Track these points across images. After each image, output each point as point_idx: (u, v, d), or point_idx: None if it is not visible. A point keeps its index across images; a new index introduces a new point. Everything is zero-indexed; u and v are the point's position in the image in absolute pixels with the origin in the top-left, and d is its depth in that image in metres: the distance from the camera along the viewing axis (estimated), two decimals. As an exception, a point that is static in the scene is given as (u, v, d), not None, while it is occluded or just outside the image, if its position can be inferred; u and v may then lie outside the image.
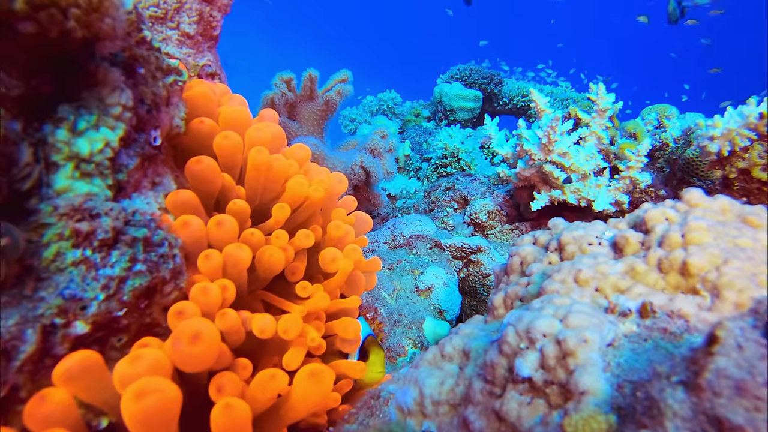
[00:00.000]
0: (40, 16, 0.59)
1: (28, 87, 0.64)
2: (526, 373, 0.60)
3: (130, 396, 0.59)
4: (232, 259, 0.84)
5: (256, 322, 0.81)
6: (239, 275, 0.86)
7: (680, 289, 0.66)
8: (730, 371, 0.41)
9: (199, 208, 0.87)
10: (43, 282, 0.63)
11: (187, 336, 0.66)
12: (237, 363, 0.81)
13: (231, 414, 0.66)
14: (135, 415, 0.58)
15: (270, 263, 0.89)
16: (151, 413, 0.59)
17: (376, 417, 0.83)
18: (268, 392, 0.73)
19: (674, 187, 1.86)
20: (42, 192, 0.66)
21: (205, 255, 0.81)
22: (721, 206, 0.75)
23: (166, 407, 0.60)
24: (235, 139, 0.94)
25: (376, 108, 4.28)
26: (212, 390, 0.72)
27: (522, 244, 0.97)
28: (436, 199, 2.33)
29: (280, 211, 0.96)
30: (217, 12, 1.28)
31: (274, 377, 0.73)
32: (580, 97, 4.42)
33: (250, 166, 0.95)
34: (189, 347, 0.65)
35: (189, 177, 0.89)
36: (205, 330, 0.67)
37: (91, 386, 0.64)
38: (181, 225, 0.81)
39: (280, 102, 1.83)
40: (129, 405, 0.58)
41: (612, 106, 1.76)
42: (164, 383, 0.61)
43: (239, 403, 0.67)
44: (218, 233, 0.85)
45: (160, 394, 0.59)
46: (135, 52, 0.78)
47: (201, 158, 0.88)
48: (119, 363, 0.63)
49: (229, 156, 0.95)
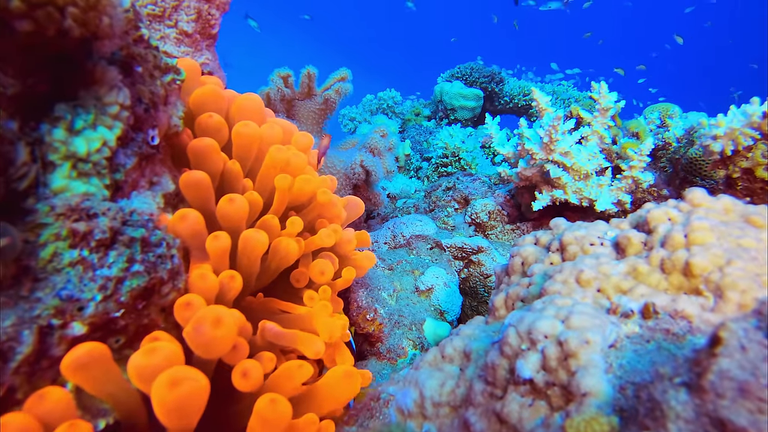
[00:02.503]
0: (37, 15, 0.59)
1: (24, 86, 0.64)
2: (527, 375, 0.60)
3: (163, 383, 0.59)
4: (250, 243, 0.84)
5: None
6: (254, 261, 0.87)
7: (683, 290, 0.65)
8: (733, 373, 0.40)
9: (210, 190, 0.88)
10: (39, 282, 0.62)
11: (210, 320, 0.67)
12: (262, 355, 0.82)
13: (276, 408, 0.68)
14: (170, 402, 0.59)
15: (286, 251, 0.90)
16: (186, 400, 0.59)
17: (376, 419, 0.83)
18: (294, 380, 0.76)
19: (677, 187, 1.85)
20: (39, 192, 0.66)
21: (214, 236, 0.82)
22: (724, 206, 0.74)
23: (199, 394, 0.61)
24: (253, 128, 0.95)
25: (376, 107, 4.27)
26: (237, 375, 0.72)
27: (523, 244, 0.96)
28: (437, 199, 2.32)
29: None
30: (216, 10, 1.27)
31: (301, 367, 0.76)
32: (581, 96, 4.41)
33: (267, 163, 0.96)
34: (212, 330, 0.66)
35: (191, 155, 0.90)
36: (226, 315, 0.69)
37: (98, 377, 0.64)
38: (179, 218, 0.81)
39: (276, 98, 1.82)
40: (163, 393, 0.59)
41: (614, 104, 1.75)
42: (196, 372, 0.62)
43: (283, 399, 0.69)
44: (229, 210, 0.85)
45: (193, 381, 0.60)
46: (133, 51, 0.77)
47: (203, 138, 0.90)
48: (133, 356, 0.64)
49: (246, 145, 0.96)
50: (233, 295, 0.83)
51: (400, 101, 4.34)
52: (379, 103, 4.28)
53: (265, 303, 0.96)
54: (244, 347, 0.77)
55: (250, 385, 0.71)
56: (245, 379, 0.71)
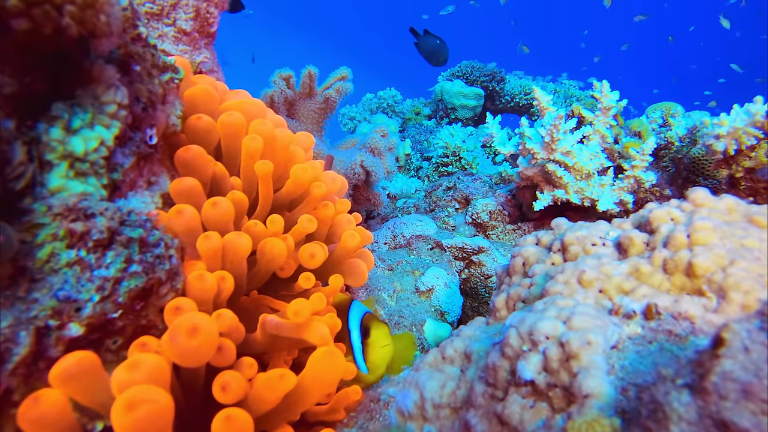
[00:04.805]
0: (34, 13, 0.58)
1: (21, 84, 0.64)
2: (528, 376, 0.59)
3: (120, 407, 0.57)
4: (232, 246, 0.82)
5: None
6: (239, 264, 0.85)
7: (686, 291, 0.65)
8: (736, 374, 0.40)
9: (201, 196, 0.87)
10: (36, 283, 0.62)
11: (184, 329, 0.65)
12: (242, 361, 0.79)
13: (232, 426, 0.65)
14: (126, 427, 0.57)
15: (272, 254, 0.88)
16: (144, 424, 0.57)
17: (375, 420, 0.82)
18: (276, 392, 0.72)
19: (679, 187, 1.84)
20: (36, 191, 0.66)
21: (204, 236, 0.80)
22: (727, 206, 0.74)
23: (158, 417, 0.59)
24: (237, 117, 0.93)
25: (376, 106, 4.25)
26: (216, 389, 0.70)
27: (524, 244, 0.96)
28: (437, 199, 2.31)
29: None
30: (214, 8, 1.27)
31: (283, 377, 0.72)
32: (583, 95, 4.39)
33: (244, 155, 0.94)
34: (187, 340, 0.64)
35: (179, 166, 0.89)
36: (203, 323, 0.66)
37: (88, 388, 0.63)
38: (175, 214, 0.79)
39: (279, 100, 1.81)
40: (120, 416, 0.57)
41: (616, 104, 1.75)
42: (156, 392, 0.60)
43: (240, 414, 0.67)
44: (213, 214, 0.83)
45: (151, 404, 0.58)
46: (130, 49, 0.77)
47: (190, 147, 0.88)
48: (117, 369, 0.62)
49: (233, 134, 0.94)
50: (225, 296, 0.82)
51: (400, 100, 4.33)
52: (379, 102, 4.27)
53: (257, 301, 0.95)
54: (230, 350, 0.75)
55: (231, 398, 0.69)
56: (225, 393, 0.69)
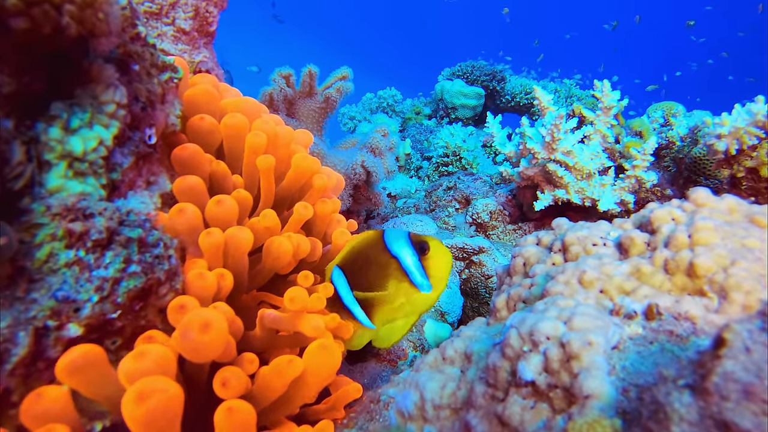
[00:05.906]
0: (33, 12, 0.58)
1: (20, 84, 0.63)
2: (529, 377, 0.59)
3: (131, 398, 0.58)
4: (233, 241, 0.83)
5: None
6: (240, 259, 0.86)
7: (687, 291, 0.65)
8: (737, 374, 0.40)
9: (204, 195, 0.87)
10: (35, 283, 0.62)
11: (197, 325, 0.65)
12: (243, 357, 0.80)
13: (234, 418, 0.66)
14: (138, 418, 0.58)
15: (279, 252, 0.88)
16: (155, 414, 0.58)
17: (375, 421, 0.82)
18: (284, 377, 0.74)
19: (681, 187, 1.84)
20: (34, 191, 0.65)
21: (207, 232, 0.81)
22: (728, 206, 0.73)
23: (169, 406, 0.59)
24: (240, 119, 0.94)
25: (376, 106, 4.25)
26: (217, 385, 0.71)
27: (525, 244, 0.95)
28: (438, 199, 2.31)
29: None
30: (213, 7, 1.26)
31: (291, 362, 0.74)
32: (584, 95, 4.38)
33: (247, 151, 0.95)
34: (200, 336, 0.65)
35: (176, 164, 0.89)
36: (215, 319, 0.67)
37: (94, 380, 0.63)
38: (177, 212, 0.80)
39: (278, 98, 1.81)
40: (131, 408, 0.58)
41: (617, 103, 1.74)
42: (165, 382, 0.60)
43: (242, 405, 0.67)
44: (218, 212, 0.84)
45: (161, 393, 0.59)
46: (129, 49, 0.77)
47: (186, 145, 0.88)
48: (125, 359, 0.63)
49: (235, 136, 0.94)
50: (225, 294, 0.82)
51: (401, 100, 4.32)
52: (379, 101, 4.27)
53: (256, 298, 0.95)
54: (231, 345, 0.75)
55: (231, 393, 0.70)
56: (225, 389, 0.70)
